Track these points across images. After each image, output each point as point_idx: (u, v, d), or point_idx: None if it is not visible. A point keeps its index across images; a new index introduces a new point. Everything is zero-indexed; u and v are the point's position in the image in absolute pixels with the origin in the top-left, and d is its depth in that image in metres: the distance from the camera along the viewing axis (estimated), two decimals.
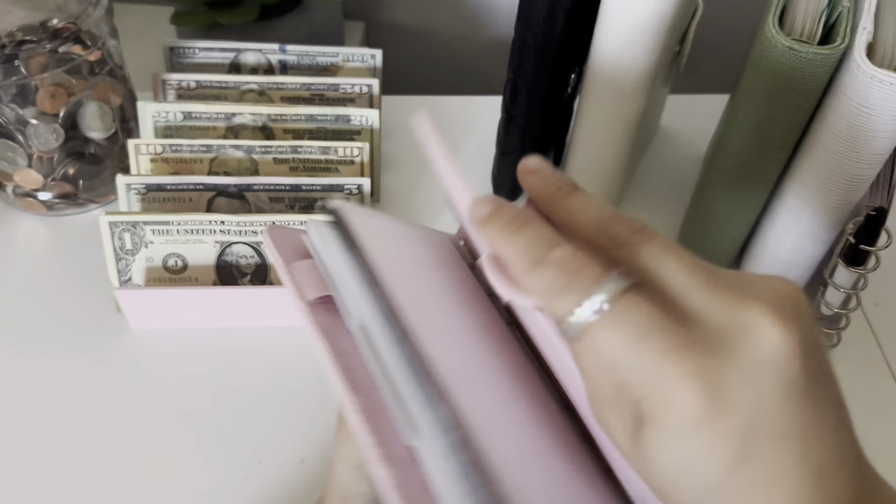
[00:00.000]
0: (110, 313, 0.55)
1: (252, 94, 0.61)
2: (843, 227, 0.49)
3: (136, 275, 0.53)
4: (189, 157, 0.56)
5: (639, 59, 0.50)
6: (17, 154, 0.57)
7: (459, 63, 1.01)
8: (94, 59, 0.56)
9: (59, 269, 0.58)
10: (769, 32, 0.44)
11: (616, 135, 0.54)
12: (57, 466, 0.47)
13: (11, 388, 0.51)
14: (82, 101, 0.57)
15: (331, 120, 0.58)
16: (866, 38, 0.43)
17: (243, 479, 0.47)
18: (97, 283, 0.56)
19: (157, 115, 0.57)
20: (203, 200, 0.54)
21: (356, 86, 0.61)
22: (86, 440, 0.49)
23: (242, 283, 0.54)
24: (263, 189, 0.54)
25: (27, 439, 0.48)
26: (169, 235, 0.51)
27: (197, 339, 0.54)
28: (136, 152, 0.55)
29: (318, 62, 0.64)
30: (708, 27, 0.92)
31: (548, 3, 0.49)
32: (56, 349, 0.53)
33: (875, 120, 0.43)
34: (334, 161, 0.56)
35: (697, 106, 0.72)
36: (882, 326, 0.56)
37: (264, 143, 0.55)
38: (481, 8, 0.95)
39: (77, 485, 0.47)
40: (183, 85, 0.61)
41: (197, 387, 0.51)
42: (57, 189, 0.60)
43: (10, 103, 0.54)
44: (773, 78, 0.45)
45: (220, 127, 0.58)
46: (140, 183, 0.53)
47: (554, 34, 0.51)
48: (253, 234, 0.52)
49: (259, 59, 0.64)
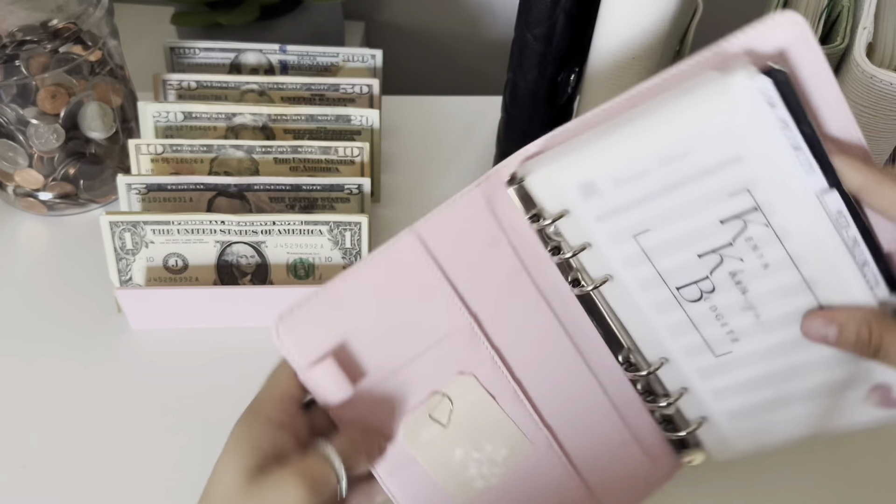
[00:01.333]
0: (111, 313, 0.55)
1: (252, 95, 0.61)
2: None
3: (137, 274, 0.53)
4: (189, 157, 0.56)
5: (639, 59, 0.50)
6: (18, 154, 0.57)
7: (459, 63, 1.01)
8: (94, 59, 0.56)
9: (59, 268, 0.58)
10: None
11: None
12: (57, 465, 0.47)
13: (12, 387, 0.51)
14: (83, 102, 0.57)
15: (331, 120, 0.58)
16: (866, 37, 0.43)
17: None
18: (98, 282, 0.56)
19: (157, 116, 0.57)
20: (203, 200, 0.54)
21: (356, 86, 0.61)
22: (86, 439, 0.49)
23: (243, 282, 0.54)
24: (264, 189, 0.54)
25: (28, 438, 0.49)
26: (169, 235, 0.51)
27: (197, 338, 0.54)
28: (136, 152, 0.55)
29: (319, 62, 0.64)
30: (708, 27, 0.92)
31: (548, 3, 0.49)
32: (57, 349, 0.53)
33: (875, 120, 0.43)
34: (334, 161, 0.56)
35: None
36: None
37: (265, 143, 0.56)
38: (481, 8, 0.96)
39: (77, 484, 0.47)
40: (183, 85, 0.61)
41: (197, 386, 0.51)
42: (57, 189, 0.60)
43: (11, 103, 0.54)
44: None
45: (220, 127, 0.58)
46: (141, 183, 0.53)
47: (554, 34, 0.51)
48: (253, 233, 0.52)
49: (259, 59, 0.64)
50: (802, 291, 0.34)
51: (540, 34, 0.51)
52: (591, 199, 0.34)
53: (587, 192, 0.34)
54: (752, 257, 0.33)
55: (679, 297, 0.36)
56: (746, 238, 0.33)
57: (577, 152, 0.34)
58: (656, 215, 0.34)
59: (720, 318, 0.35)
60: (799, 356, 0.35)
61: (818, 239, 0.32)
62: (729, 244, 0.33)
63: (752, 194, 0.32)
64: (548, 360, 0.38)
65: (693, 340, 0.36)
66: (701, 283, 0.35)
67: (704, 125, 0.31)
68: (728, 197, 0.32)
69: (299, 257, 0.53)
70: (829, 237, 0.32)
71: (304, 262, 0.53)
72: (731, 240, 0.33)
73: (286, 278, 0.54)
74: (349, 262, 0.53)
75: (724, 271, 0.34)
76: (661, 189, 0.33)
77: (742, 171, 0.32)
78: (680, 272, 0.35)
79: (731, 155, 0.32)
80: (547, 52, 0.52)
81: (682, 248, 0.34)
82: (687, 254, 0.34)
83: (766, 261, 0.33)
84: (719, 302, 0.35)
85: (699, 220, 0.33)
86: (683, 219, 0.33)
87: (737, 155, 0.32)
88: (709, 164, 0.32)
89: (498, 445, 0.38)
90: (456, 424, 0.37)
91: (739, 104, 0.31)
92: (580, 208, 0.35)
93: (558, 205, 0.35)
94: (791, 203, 0.32)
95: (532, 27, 0.51)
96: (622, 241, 0.35)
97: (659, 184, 0.33)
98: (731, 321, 0.35)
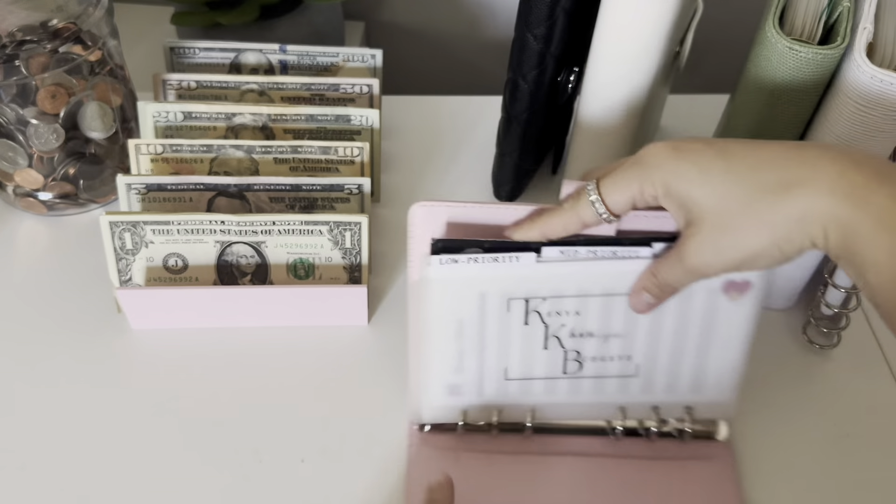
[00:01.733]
0: (111, 313, 0.55)
1: (252, 94, 0.61)
2: None
3: (137, 274, 0.53)
4: (189, 156, 0.56)
5: (639, 59, 0.50)
6: (18, 154, 0.57)
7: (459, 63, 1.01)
8: (94, 59, 0.56)
9: (59, 268, 0.58)
10: (769, 32, 0.44)
11: (616, 135, 0.55)
12: (57, 465, 0.47)
13: (12, 387, 0.51)
14: (83, 101, 0.57)
15: (331, 120, 0.58)
16: (866, 37, 0.43)
17: (243, 478, 0.47)
18: (98, 282, 0.56)
19: (157, 115, 0.57)
20: (203, 200, 0.54)
21: (356, 86, 0.61)
22: (86, 439, 0.49)
23: (243, 282, 0.54)
24: (264, 189, 0.54)
25: (27, 438, 0.49)
26: (169, 235, 0.51)
27: (197, 338, 0.54)
28: (136, 152, 0.55)
29: (319, 62, 0.64)
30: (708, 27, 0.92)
31: (548, 3, 0.49)
32: (56, 349, 0.53)
33: (875, 119, 0.43)
34: (334, 161, 0.56)
35: (697, 106, 0.72)
36: (882, 326, 0.56)
37: (264, 143, 0.56)
38: (481, 8, 0.96)
39: (78, 484, 0.47)
40: (183, 85, 0.61)
41: (197, 386, 0.51)
42: (57, 189, 0.60)
43: (11, 103, 0.54)
44: (773, 78, 0.45)
45: (220, 127, 0.58)
46: (140, 183, 0.53)
47: (554, 34, 0.51)
48: (253, 234, 0.52)
49: (259, 59, 0.64)
50: (616, 297, 0.44)
51: (540, 34, 0.51)
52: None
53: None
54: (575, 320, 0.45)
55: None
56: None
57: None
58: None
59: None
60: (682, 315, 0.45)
61: (579, 278, 0.43)
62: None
63: (528, 301, 0.44)
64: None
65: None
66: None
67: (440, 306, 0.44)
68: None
69: (299, 257, 0.53)
70: (579, 269, 0.43)
71: (304, 262, 0.53)
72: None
73: (286, 278, 0.54)
74: (349, 263, 0.53)
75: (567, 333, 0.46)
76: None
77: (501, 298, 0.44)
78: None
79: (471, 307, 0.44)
80: (547, 52, 0.52)
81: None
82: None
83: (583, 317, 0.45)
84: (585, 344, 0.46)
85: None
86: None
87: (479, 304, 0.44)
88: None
89: None
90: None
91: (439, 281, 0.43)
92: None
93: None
94: (546, 278, 0.43)
95: (532, 27, 0.51)
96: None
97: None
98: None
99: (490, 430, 0.48)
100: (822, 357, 0.54)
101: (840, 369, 0.54)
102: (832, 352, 0.54)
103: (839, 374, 0.54)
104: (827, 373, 0.53)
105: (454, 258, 0.42)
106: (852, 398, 0.52)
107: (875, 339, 0.56)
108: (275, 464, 0.48)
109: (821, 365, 0.54)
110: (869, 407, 0.52)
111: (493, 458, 0.47)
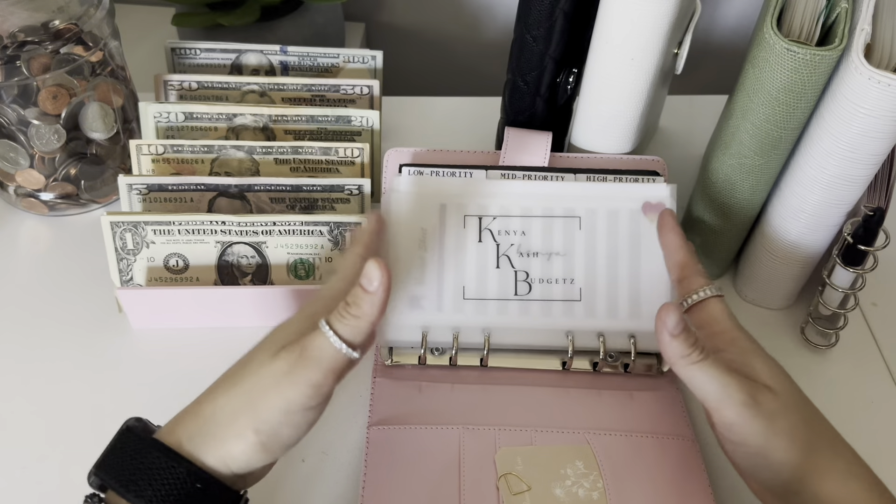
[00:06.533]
0: (112, 313, 0.55)
1: (253, 95, 0.61)
2: (841, 227, 0.50)
3: (138, 275, 0.53)
4: (190, 157, 0.56)
5: (638, 60, 0.50)
6: (19, 154, 0.57)
7: (459, 63, 1.01)
8: (95, 59, 0.57)
9: (60, 269, 0.58)
10: (768, 33, 0.44)
11: (615, 136, 0.55)
12: (58, 465, 0.47)
13: (12, 387, 0.51)
14: (84, 102, 0.57)
15: (331, 121, 0.59)
16: (864, 39, 0.43)
17: None
18: (99, 282, 0.56)
19: (158, 116, 0.58)
20: (204, 201, 0.54)
21: (357, 87, 0.61)
22: (86, 439, 0.49)
23: (243, 283, 0.54)
24: (264, 189, 0.54)
25: (28, 438, 0.49)
26: (170, 235, 0.52)
27: (198, 338, 0.54)
28: (137, 153, 0.55)
29: (319, 63, 0.64)
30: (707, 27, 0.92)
31: (547, 4, 0.50)
32: (58, 349, 0.53)
33: (873, 121, 0.43)
34: (335, 162, 0.57)
35: (696, 106, 0.72)
36: (880, 326, 0.56)
37: (265, 143, 0.56)
38: (481, 8, 0.96)
39: (78, 484, 0.47)
40: (184, 86, 0.61)
41: (198, 386, 0.51)
42: (58, 189, 0.60)
43: (12, 104, 0.55)
44: (771, 79, 0.45)
45: (221, 127, 0.58)
46: (141, 183, 0.53)
47: (553, 35, 0.51)
48: (254, 234, 0.52)
49: (260, 60, 0.64)
50: (555, 218, 0.51)
51: (539, 35, 0.51)
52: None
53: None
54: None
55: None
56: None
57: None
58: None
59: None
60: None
61: (521, 196, 0.51)
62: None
63: (481, 219, 0.51)
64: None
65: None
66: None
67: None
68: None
69: (300, 258, 0.53)
70: (520, 186, 0.51)
71: (304, 263, 0.53)
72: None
73: (286, 278, 0.54)
74: None
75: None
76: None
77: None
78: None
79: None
80: (546, 52, 0.52)
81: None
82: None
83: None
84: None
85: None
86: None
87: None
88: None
89: (571, 463, 0.45)
90: (534, 480, 0.44)
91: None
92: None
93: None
94: (493, 194, 0.51)
95: (531, 28, 0.51)
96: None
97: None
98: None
99: (449, 366, 0.51)
100: (821, 357, 0.55)
101: (838, 369, 0.54)
102: (830, 351, 0.55)
103: (837, 374, 0.54)
104: (825, 372, 0.54)
105: (419, 170, 0.51)
106: (850, 398, 0.53)
107: (873, 339, 0.56)
108: (274, 464, 0.48)
109: (819, 364, 0.54)
110: (867, 406, 0.52)
111: (454, 388, 0.50)
